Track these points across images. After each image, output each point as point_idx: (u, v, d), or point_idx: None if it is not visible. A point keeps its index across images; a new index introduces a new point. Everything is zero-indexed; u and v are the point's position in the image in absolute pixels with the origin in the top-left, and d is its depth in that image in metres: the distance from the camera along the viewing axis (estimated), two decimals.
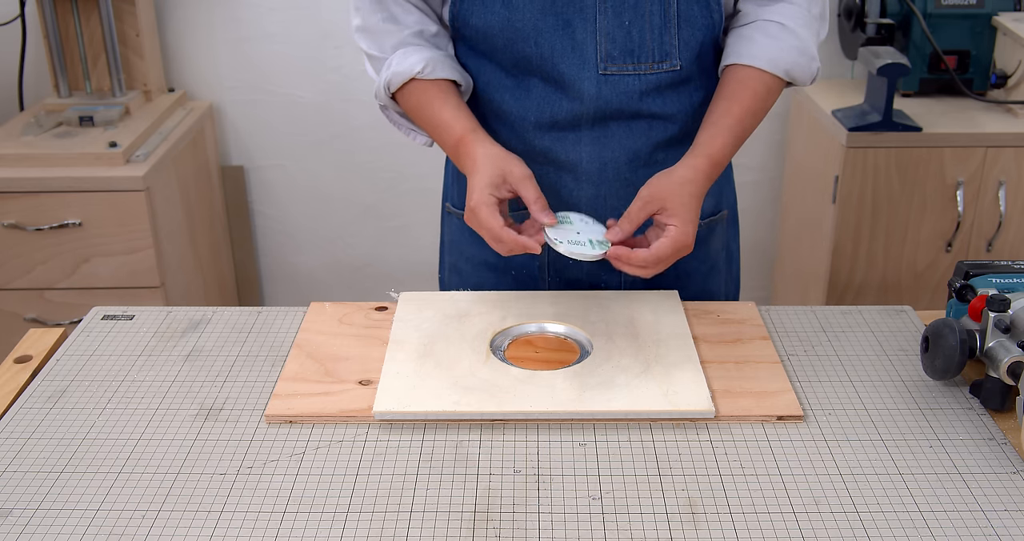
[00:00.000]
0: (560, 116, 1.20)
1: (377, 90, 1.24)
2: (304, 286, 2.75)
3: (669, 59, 1.18)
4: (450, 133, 1.18)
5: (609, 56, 1.17)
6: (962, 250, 2.16)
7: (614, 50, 1.17)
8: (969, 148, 2.07)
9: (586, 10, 1.15)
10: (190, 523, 0.86)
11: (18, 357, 1.13)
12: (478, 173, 1.12)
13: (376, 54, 1.24)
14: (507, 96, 1.22)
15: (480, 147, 1.15)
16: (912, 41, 2.22)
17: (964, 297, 1.06)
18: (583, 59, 1.17)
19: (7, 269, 2.11)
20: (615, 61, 1.17)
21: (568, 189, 1.24)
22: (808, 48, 1.18)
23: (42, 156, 2.06)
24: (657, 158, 1.23)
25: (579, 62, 1.17)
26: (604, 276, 1.29)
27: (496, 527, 0.85)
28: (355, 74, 2.50)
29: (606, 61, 1.17)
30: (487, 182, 1.11)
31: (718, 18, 1.19)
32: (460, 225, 1.33)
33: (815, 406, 1.02)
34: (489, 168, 1.12)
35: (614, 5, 1.15)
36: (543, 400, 1.00)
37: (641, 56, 1.17)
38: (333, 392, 1.03)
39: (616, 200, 1.24)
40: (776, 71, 1.17)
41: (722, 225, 1.35)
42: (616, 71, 1.18)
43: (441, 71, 1.20)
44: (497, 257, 1.31)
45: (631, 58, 1.17)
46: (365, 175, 2.62)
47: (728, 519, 0.86)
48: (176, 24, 2.46)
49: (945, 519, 0.86)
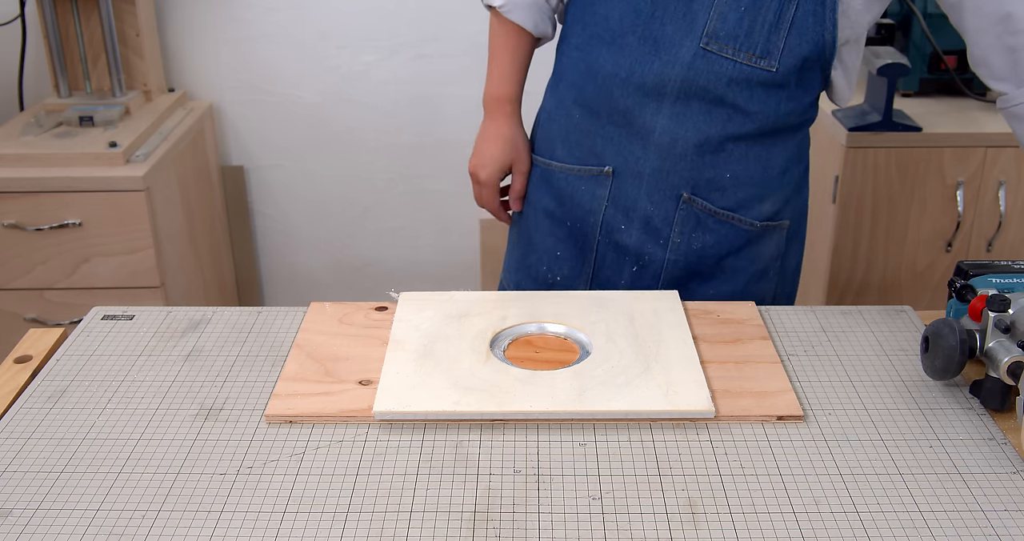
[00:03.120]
0: (648, 78, 1.23)
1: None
2: (304, 286, 2.75)
3: (768, 58, 1.19)
4: (495, 83, 1.36)
5: (715, 34, 1.19)
6: (962, 250, 2.16)
7: (721, 30, 1.19)
8: (969, 148, 2.07)
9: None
10: (190, 523, 0.86)
11: (18, 357, 1.13)
12: (496, 151, 1.37)
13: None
14: (603, 50, 1.26)
15: (507, 123, 1.37)
16: (912, 41, 2.22)
17: (964, 297, 1.06)
18: (691, 27, 1.19)
19: (7, 269, 2.11)
20: (718, 40, 1.19)
21: (635, 157, 1.29)
22: None
23: (42, 156, 2.06)
24: (726, 148, 1.26)
25: (686, 28, 1.20)
26: (649, 248, 1.33)
27: (496, 527, 0.85)
28: (355, 74, 2.51)
29: (710, 37, 1.19)
30: (499, 166, 1.39)
31: (830, 38, 1.20)
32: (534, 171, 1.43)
33: (815, 406, 1.02)
34: (507, 152, 1.38)
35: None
36: (543, 400, 1.00)
37: (744, 45, 1.19)
38: (333, 392, 1.03)
39: (677, 178, 1.27)
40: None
41: (780, 233, 1.35)
42: (716, 50, 1.20)
43: (516, 14, 1.32)
44: (556, 204, 1.39)
45: (734, 43, 1.19)
46: (365, 175, 2.62)
47: (728, 519, 0.86)
48: (176, 24, 2.46)
49: (945, 519, 0.86)
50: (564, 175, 1.36)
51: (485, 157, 1.38)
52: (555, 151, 1.38)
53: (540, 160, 1.40)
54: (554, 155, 1.38)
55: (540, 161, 1.40)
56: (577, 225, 1.37)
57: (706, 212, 1.30)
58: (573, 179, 1.35)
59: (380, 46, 2.48)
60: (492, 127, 1.38)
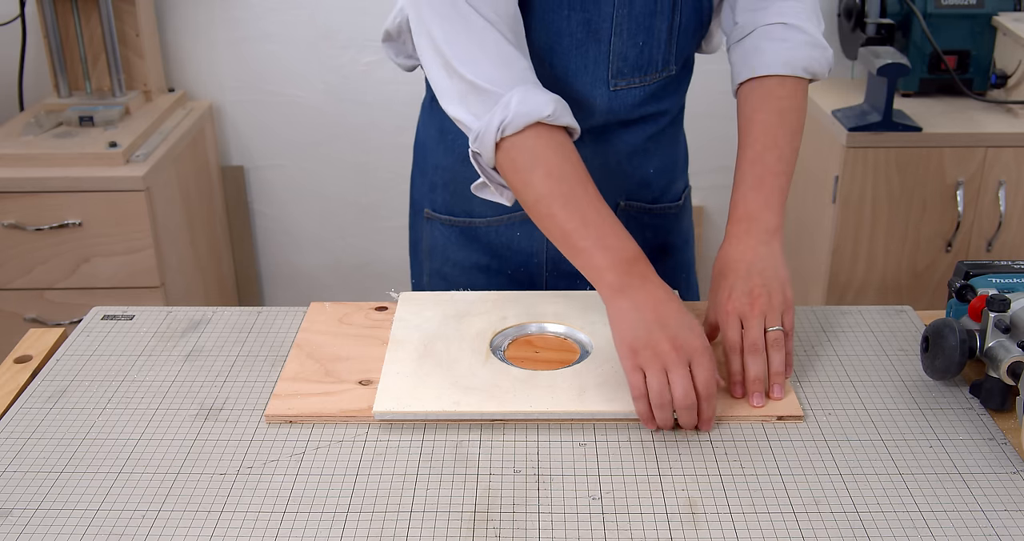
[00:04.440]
0: None
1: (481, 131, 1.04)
2: (304, 286, 2.75)
3: (668, 67, 1.20)
4: (608, 236, 1.00)
5: (620, 73, 1.17)
6: (962, 250, 2.16)
7: (625, 67, 1.17)
8: (969, 148, 2.07)
9: (601, 33, 1.14)
10: (190, 523, 0.86)
11: (18, 357, 1.13)
12: (694, 319, 0.98)
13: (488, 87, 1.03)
14: None
15: (664, 288, 1.00)
16: (912, 41, 2.22)
17: (964, 297, 1.06)
18: (595, 78, 1.17)
19: (7, 269, 2.11)
20: (624, 76, 1.18)
21: None
22: (817, 39, 1.16)
23: (42, 156, 2.06)
24: (648, 148, 1.26)
25: (591, 81, 1.17)
26: None
27: (496, 527, 0.85)
28: (355, 74, 2.51)
29: (616, 78, 1.18)
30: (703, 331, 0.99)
31: (707, 21, 1.20)
32: (444, 229, 1.32)
33: (815, 406, 1.02)
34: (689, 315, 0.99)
35: (629, 28, 1.15)
36: (543, 400, 0.99)
37: (648, 69, 1.19)
38: (333, 392, 1.03)
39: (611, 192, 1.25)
40: (795, 72, 1.14)
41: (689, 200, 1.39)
42: (625, 86, 1.18)
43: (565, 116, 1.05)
44: (490, 259, 1.31)
45: (639, 72, 1.18)
46: (365, 175, 2.62)
47: (728, 519, 0.86)
48: (176, 24, 2.46)
49: (945, 519, 0.86)
50: (493, 228, 1.29)
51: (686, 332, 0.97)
52: (473, 209, 1.28)
53: (458, 220, 1.30)
54: (473, 212, 1.29)
55: (458, 221, 1.30)
56: (520, 269, 1.32)
57: (641, 211, 1.32)
58: (504, 229, 1.29)
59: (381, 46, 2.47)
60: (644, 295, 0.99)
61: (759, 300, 1.04)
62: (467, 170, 1.22)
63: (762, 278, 1.06)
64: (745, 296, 1.05)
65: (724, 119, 1.82)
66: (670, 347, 0.94)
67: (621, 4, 1.13)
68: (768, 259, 1.07)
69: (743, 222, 1.10)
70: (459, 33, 1.04)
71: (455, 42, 1.04)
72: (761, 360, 1.01)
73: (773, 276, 1.06)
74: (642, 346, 0.95)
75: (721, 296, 1.06)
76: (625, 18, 1.14)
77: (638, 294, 0.98)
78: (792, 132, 1.13)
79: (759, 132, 1.13)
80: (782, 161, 1.12)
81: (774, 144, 1.12)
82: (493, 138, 1.02)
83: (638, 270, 0.99)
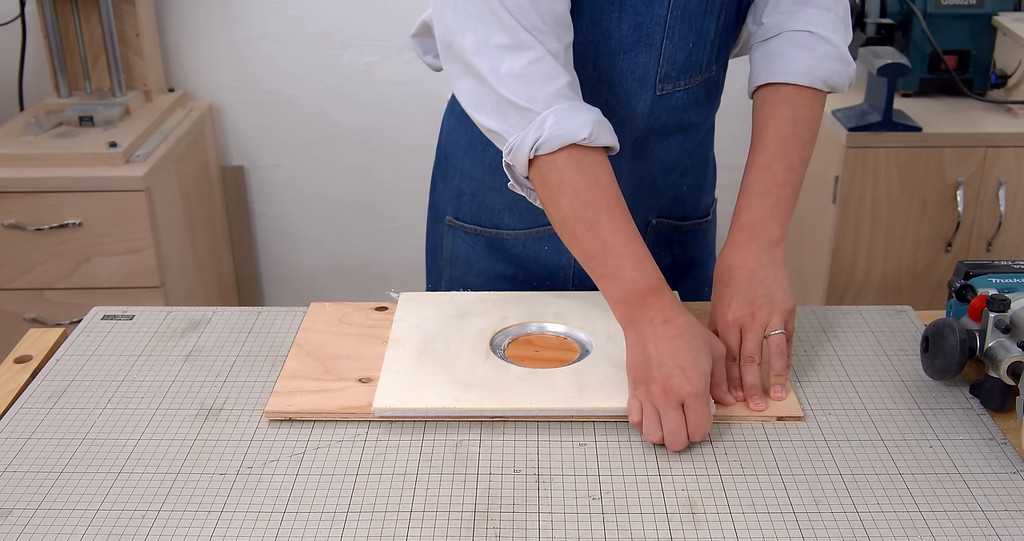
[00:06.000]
0: None
1: (515, 146, 1.00)
2: (304, 286, 2.75)
3: (711, 67, 1.17)
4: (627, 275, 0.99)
5: (667, 76, 1.14)
6: (962, 250, 2.16)
7: (673, 71, 1.14)
8: (969, 148, 2.07)
9: (652, 36, 1.10)
10: (190, 523, 0.86)
11: (18, 357, 1.13)
12: (698, 356, 0.96)
13: (524, 105, 0.99)
14: None
15: (683, 315, 0.98)
16: (912, 41, 2.22)
17: (964, 297, 1.06)
18: (642, 82, 1.13)
19: (7, 269, 2.11)
20: (671, 79, 1.14)
21: None
22: (842, 52, 1.12)
23: (42, 156, 2.06)
24: (682, 163, 1.24)
25: (636, 85, 1.13)
26: None
27: (496, 527, 0.85)
28: (355, 74, 2.51)
29: (663, 81, 1.14)
30: (706, 369, 0.96)
31: (742, 20, 1.18)
32: (467, 238, 1.29)
33: (815, 406, 1.02)
34: (706, 352, 0.97)
35: (681, 30, 1.11)
36: (543, 397, 1.00)
37: (694, 70, 1.15)
38: (333, 389, 1.03)
39: (644, 209, 1.25)
40: (814, 83, 1.11)
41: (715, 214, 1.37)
42: (670, 90, 1.15)
43: (603, 136, 1.00)
44: (516, 270, 1.29)
45: (685, 74, 1.15)
46: (365, 175, 2.62)
47: (728, 519, 0.86)
48: (176, 24, 2.46)
49: (945, 519, 0.86)
50: (521, 241, 1.27)
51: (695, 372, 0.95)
52: (502, 220, 1.26)
53: (484, 230, 1.27)
54: (501, 224, 1.26)
55: (484, 232, 1.27)
56: (546, 282, 1.29)
57: (671, 229, 1.31)
58: (531, 243, 1.27)
59: (381, 46, 2.48)
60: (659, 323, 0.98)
61: (760, 310, 1.04)
62: (496, 181, 1.21)
63: (764, 287, 1.05)
64: (746, 306, 1.05)
65: (731, 118, 1.81)
66: (660, 390, 0.94)
67: (676, 5, 1.09)
68: (770, 267, 1.07)
69: (745, 230, 1.09)
70: (495, 44, 0.99)
71: (489, 54, 0.99)
72: (757, 369, 1.02)
73: (775, 285, 1.06)
74: (640, 381, 0.97)
75: (722, 305, 1.06)
76: (679, 20, 1.10)
77: (644, 329, 0.98)
78: (804, 143, 1.11)
79: (771, 139, 1.11)
80: (791, 172, 1.10)
81: (784, 153, 1.10)
82: (527, 155, 1.00)
83: (649, 303, 0.98)
